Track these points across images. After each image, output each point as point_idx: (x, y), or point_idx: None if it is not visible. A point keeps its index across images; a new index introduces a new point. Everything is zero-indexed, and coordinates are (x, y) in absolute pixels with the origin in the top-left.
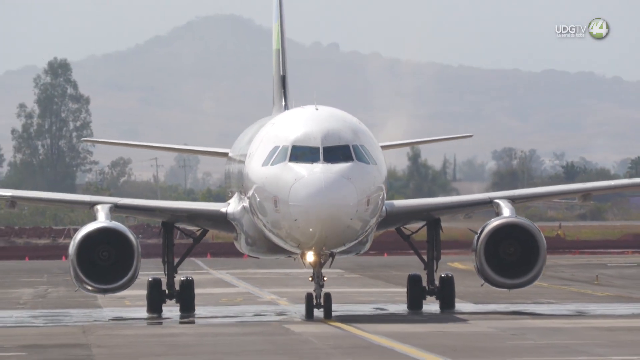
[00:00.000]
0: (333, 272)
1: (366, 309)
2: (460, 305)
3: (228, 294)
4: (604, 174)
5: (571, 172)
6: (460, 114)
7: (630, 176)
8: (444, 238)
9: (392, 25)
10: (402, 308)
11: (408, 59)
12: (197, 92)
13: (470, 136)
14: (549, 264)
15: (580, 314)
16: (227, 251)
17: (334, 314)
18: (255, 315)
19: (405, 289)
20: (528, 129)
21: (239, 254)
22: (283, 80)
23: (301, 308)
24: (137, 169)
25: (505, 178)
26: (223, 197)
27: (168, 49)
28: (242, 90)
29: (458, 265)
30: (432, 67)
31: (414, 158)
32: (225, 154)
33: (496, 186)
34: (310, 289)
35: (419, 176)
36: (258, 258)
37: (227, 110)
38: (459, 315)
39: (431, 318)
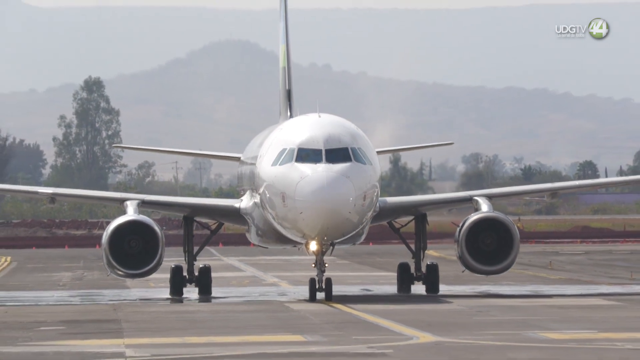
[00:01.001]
0: (326, 258)
1: (354, 290)
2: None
3: (237, 277)
4: (557, 176)
5: (528, 174)
6: (435, 124)
7: (579, 177)
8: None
9: (376, 49)
10: (385, 289)
11: (390, 77)
12: (211, 105)
13: (451, 144)
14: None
15: (536, 294)
16: (237, 241)
17: (320, 295)
18: (260, 295)
19: (389, 273)
20: (492, 137)
21: (247, 243)
22: (289, 93)
23: (299, 289)
24: (160, 170)
25: (473, 178)
26: (233, 195)
27: (186, 69)
28: (249, 103)
29: (432, 253)
30: (411, 84)
31: (395, 162)
32: (236, 158)
33: (465, 185)
34: (311, 273)
35: (399, 177)
36: (267, 248)
37: (236, 121)
38: (436, 296)
39: (413, 299)
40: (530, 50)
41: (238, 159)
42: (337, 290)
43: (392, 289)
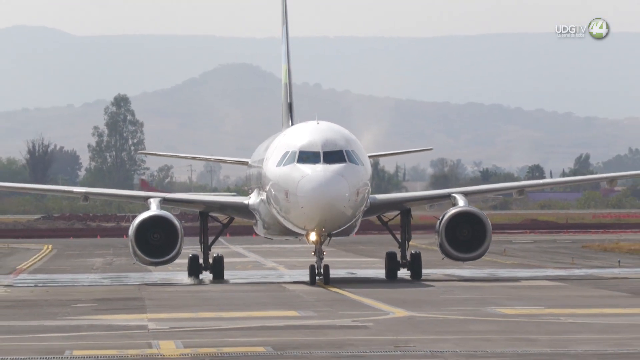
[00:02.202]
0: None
1: (341, 273)
2: (404, 272)
3: (242, 262)
4: (510, 177)
5: (486, 175)
6: (408, 133)
7: (528, 178)
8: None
9: (359, 71)
10: (367, 272)
11: (371, 94)
12: (220, 118)
13: (431, 149)
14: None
15: (493, 276)
16: (242, 232)
17: (317, 278)
18: (261, 277)
19: (370, 259)
20: (456, 145)
21: (251, 233)
22: (290, 106)
23: (294, 272)
24: (177, 173)
25: (439, 179)
26: (239, 193)
27: (199, 87)
28: (253, 116)
29: (414, 243)
30: (389, 100)
31: (375, 165)
32: (244, 163)
33: (433, 185)
34: (304, 259)
35: (378, 178)
36: (272, 239)
37: (242, 131)
38: (419, 281)
39: (396, 282)
40: (488, 72)
41: (245, 163)
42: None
43: (373, 272)
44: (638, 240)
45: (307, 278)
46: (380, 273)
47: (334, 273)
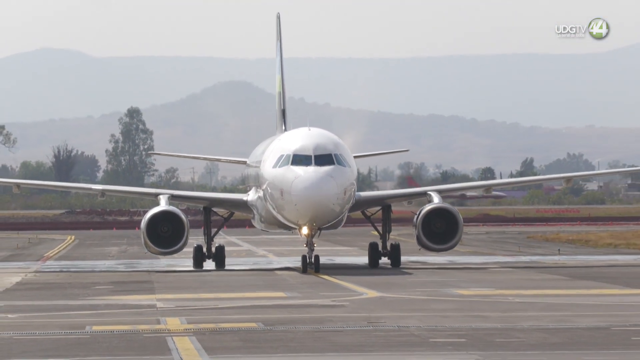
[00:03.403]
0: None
1: (322, 260)
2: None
3: (237, 250)
4: (465, 178)
5: (445, 177)
6: (380, 140)
7: (481, 179)
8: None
9: (336, 87)
10: (344, 259)
11: (347, 107)
12: (219, 127)
13: (407, 150)
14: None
15: (451, 263)
16: (237, 224)
17: (298, 265)
18: (253, 264)
19: (346, 248)
20: (420, 150)
21: (244, 225)
22: (283, 112)
23: (283, 259)
24: (181, 174)
25: (405, 180)
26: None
27: (201, 101)
28: (247, 125)
29: (375, 233)
30: (362, 112)
31: None
32: (242, 162)
33: (400, 185)
34: (291, 248)
35: None
36: (267, 232)
37: (238, 139)
38: (386, 267)
39: (375, 269)
40: (447, 88)
41: (243, 162)
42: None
43: (355, 259)
44: (575, 232)
45: (293, 264)
46: (358, 260)
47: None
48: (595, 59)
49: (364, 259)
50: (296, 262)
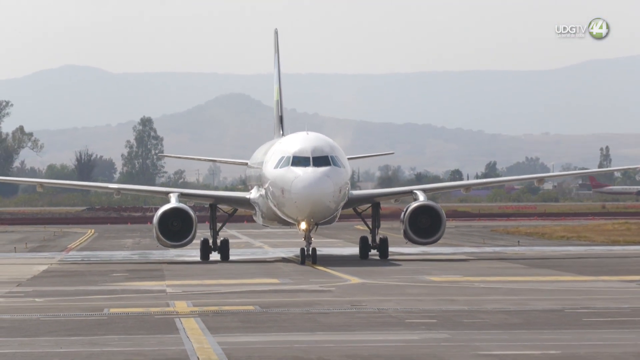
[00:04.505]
0: (293, 230)
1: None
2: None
3: (236, 242)
4: (437, 179)
5: (419, 178)
6: (362, 146)
7: (450, 180)
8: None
9: (324, 99)
10: (330, 249)
11: (332, 116)
12: (221, 134)
13: (392, 153)
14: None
15: (424, 253)
16: (237, 219)
17: (291, 254)
18: (251, 254)
19: (332, 240)
20: (397, 154)
21: (242, 220)
22: (280, 118)
23: (277, 250)
24: (187, 175)
25: (385, 181)
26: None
27: (205, 112)
28: (245, 132)
29: (359, 227)
30: (346, 121)
31: None
32: (242, 164)
33: (380, 185)
34: (285, 240)
35: None
36: (268, 227)
37: (236, 143)
38: (375, 259)
39: (365, 260)
40: (421, 101)
41: (245, 164)
42: (298, 252)
43: (336, 250)
44: (532, 226)
45: (286, 254)
46: (343, 250)
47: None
48: (550, 75)
49: (348, 250)
50: (289, 252)
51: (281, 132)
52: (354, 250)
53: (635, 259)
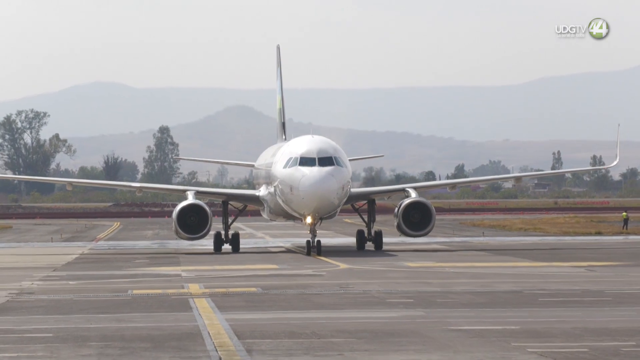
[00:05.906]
0: (289, 223)
1: (302, 241)
2: (348, 239)
3: (242, 234)
4: (413, 179)
5: (399, 178)
6: (348, 152)
7: (426, 180)
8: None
9: (315, 110)
10: (324, 240)
11: (323, 125)
12: (229, 140)
13: (382, 156)
14: (387, 221)
15: (402, 242)
16: (242, 214)
17: (290, 245)
18: (254, 244)
19: (325, 231)
20: (379, 158)
21: (247, 214)
22: (283, 125)
23: (278, 240)
24: (199, 176)
25: (368, 181)
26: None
27: (215, 121)
28: (249, 139)
29: (347, 220)
30: (335, 129)
31: None
32: (249, 165)
33: (365, 184)
34: (285, 232)
35: None
36: (275, 221)
37: (242, 149)
38: (368, 250)
39: (361, 251)
40: (400, 112)
41: (251, 166)
42: (294, 241)
43: (330, 240)
44: (495, 219)
45: (285, 244)
46: (336, 240)
47: (300, 241)
48: (510, 90)
49: (340, 240)
50: (287, 242)
51: (284, 137)
52: (345, 240)
53: (583, 248)
